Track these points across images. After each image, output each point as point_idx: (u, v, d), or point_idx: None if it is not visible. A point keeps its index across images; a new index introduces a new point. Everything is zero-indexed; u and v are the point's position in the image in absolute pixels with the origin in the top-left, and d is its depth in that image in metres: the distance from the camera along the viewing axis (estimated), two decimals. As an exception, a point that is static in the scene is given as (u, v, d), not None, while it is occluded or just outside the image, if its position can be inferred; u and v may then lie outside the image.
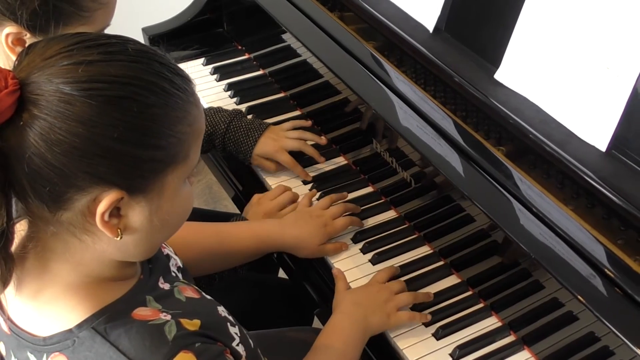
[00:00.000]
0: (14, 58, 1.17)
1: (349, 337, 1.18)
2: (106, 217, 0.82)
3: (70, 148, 0.78)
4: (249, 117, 1.61)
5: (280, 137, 1.54)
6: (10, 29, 1.15)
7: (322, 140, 1.55)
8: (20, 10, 1.13)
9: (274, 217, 1.41)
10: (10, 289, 0.89)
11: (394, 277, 1.30)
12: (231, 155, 1.58)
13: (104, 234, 0.84)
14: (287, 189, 1.47)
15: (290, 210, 1.42)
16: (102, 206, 0.81)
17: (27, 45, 1.16)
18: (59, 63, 0.79)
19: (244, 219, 1.41)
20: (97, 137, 0.78)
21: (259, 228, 1.35)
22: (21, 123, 0.78)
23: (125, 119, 0.79)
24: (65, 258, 0.87)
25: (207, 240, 1.29)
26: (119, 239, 0.85)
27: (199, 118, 0.88)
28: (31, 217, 0.85)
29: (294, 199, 1.46)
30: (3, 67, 1.20)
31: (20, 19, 1.14)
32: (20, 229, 0.89)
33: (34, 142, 0.78)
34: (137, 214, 0.85)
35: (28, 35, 1.16)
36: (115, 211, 0.83)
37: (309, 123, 1.62)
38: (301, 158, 1.55)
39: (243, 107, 1.71)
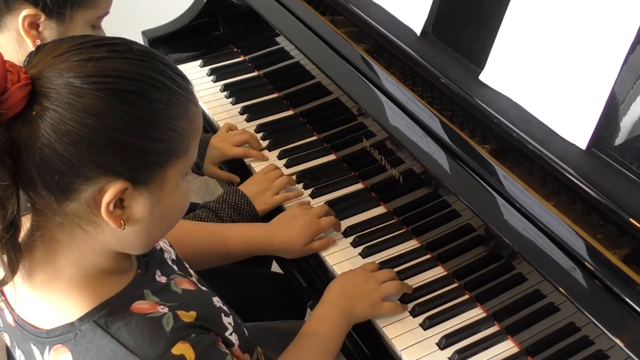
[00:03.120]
0: (28, 41, 1.18)
1: (333, 326, 1.18)
2: (111, 207, 0.82)
3: (79, 138, 0.78)
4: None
5: (225, 139, 1.56)
6: (27, 11, 1.16)
7: (261, 144, 1.58)
8: None
9: (264, 189, 1.42)
10: (17, 280, 0.89)
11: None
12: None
13: (107, 225, 0.84)
14: (277, 168, 1.49)
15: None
16: (108, 196, 0.81)
17: (40, 29, 1.17)
18: (70, 59, 0.80)
19: (239, 191, 1.41)
20: (105, 128, 0.79)
21: (249, 232, 1.34)
22: (33, 113, 0.79)
23: (131, 112, 0.80)
24: (70, 248, 0.87)
25: (198, 240, 1.29)
26: (122, 229, 0.85)
27: (197, 116, 0.88)
28: (39, 208, 0.85)
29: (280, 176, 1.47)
30: (15, 53, 1.20)
31: (40, 0, 1.15)
32: (26, 221, 0.88)
33: (44, 133, 0.78)
34: (139, 206, 0.85)
35: (43, 18, 1.18)
36: (119, 202, 0.83)
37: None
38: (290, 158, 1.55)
39: (238, 107, 1.71)
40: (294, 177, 1.50)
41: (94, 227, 0.85)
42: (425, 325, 1.21)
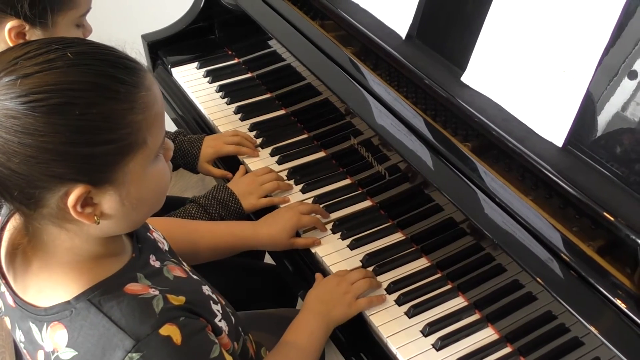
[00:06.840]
0: None
1: (313, 332, 1.17)
2: (79, 209, 0.81)
3: (25, 157, 0.76)
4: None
5: (219, 138, 1.56)
6: (11, 23, 1.13)
7: (254, 142, 1.58)
8: (19, 3, 1.11)
9: (251, 191, 1.41)
10: (18, 266, 0.90)
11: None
12: (178, 167, 1.57)
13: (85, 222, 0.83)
14: (272, 171, 1.48)
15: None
16: (71, 200, 0.80)
17: (27, 37, 1.15)
18: (2, 81, 0.77)
19: (228, 189, 1.40)
20: (47, 145, 0.76)
21: (236, 228, 1.33)
22: None
23: (70, 123, 0.77)
24: (59, 240, 0.86)
25: (187, 236, 1.27)
26: (97, 224, 0.83)
27: (150, 104, 0.83)
28: (19, 213, 0.85)
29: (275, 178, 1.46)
30: None
31: (20, 12, 1.12)
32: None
33: None
34: (108, 201, 0.83)
35: (27, 27, 1.14)
36: (89, 199, 0.81)
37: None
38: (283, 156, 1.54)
39: (233, 106, 1.69)
40: (285, 175, 1.49)
41: (73, 224, 0.83)
42: (410, 314, 1.21)
